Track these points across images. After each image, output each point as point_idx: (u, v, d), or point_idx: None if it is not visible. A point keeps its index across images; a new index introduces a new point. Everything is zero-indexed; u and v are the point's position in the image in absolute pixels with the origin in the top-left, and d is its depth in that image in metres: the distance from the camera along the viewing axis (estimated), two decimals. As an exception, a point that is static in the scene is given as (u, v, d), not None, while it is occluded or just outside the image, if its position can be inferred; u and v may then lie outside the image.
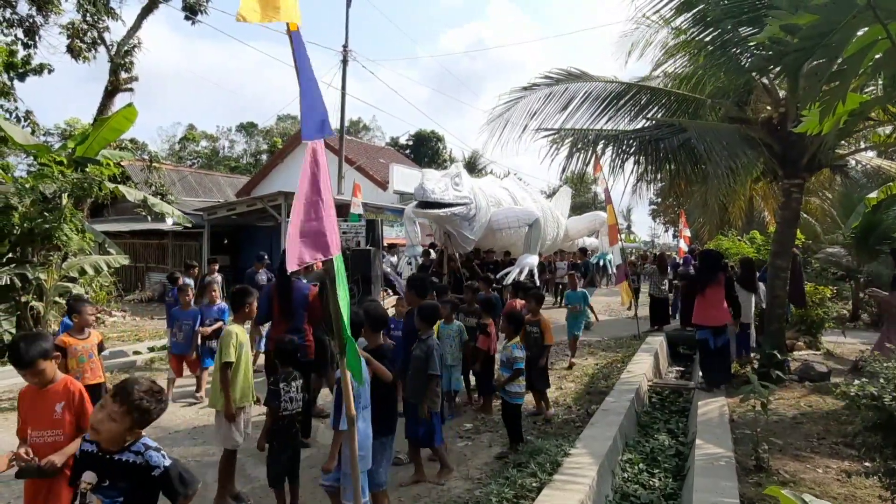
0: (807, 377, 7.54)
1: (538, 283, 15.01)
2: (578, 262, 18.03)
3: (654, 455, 5.57)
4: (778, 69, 4.69)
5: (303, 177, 2.49)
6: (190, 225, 13.56)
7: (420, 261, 15.12)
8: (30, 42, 14.69)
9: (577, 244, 21.82)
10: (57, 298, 9.52)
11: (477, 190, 14.40)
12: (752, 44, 7.07)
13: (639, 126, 8.20)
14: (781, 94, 7.79)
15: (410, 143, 46.55)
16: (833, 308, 10.00)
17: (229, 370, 4.39)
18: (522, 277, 14.12)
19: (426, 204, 12.86)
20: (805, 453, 5.16)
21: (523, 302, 7.46)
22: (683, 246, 19.26)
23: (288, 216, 16.55)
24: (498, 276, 13.62)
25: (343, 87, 21.54)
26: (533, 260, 15.16)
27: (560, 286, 16.85)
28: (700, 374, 7.55)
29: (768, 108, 7.97)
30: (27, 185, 9.49)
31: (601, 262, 21.98)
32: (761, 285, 8.72)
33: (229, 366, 4.39)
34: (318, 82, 2.63)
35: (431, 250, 15.37)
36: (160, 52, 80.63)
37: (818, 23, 3.49)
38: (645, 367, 8.23)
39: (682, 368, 10.05)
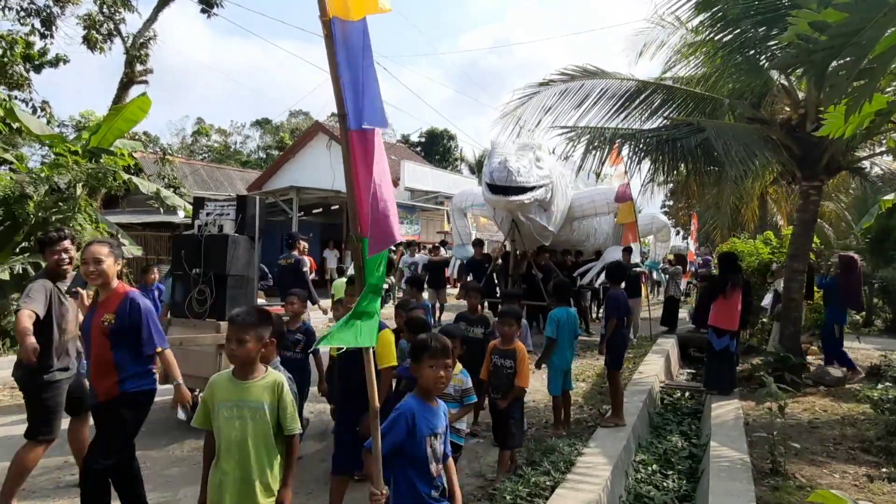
0: (822, 381, 7.47)
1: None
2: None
3: (667, 456, 5.53)
4: (803, 68, 4.63)
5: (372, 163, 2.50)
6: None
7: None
8: (46, 32, 14.76)
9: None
10: (70, 288, 9.56)
11: (554, 167, 11.13)
12: (771, 44, 7.02)
13: (655, 125, 8.14)
14: (801, 95, 7.71)
15: (422, 140, 46.54)
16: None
17: None
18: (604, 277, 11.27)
19: (506, 189, 9.58)
20: (821, 458, 5.10)
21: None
22: (692, 248, 19.10)
23: (300, 211, 16.68)
24: (576, 274, 11.54)
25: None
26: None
27: (601, 292, 13.33)
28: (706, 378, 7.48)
29: (787, 108, 7.89)
30: (42, 175, 9.54)
31: (651, 271, 17.87)
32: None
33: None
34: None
35: (490, 243, 13.14)
36: (181, 46, 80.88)
37: (847, 21, 3.43)
38: (656, 368, 8.18)
39: (693, 371, 9.98)
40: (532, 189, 9.84)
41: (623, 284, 6.70)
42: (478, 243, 12.08)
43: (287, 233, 11.06)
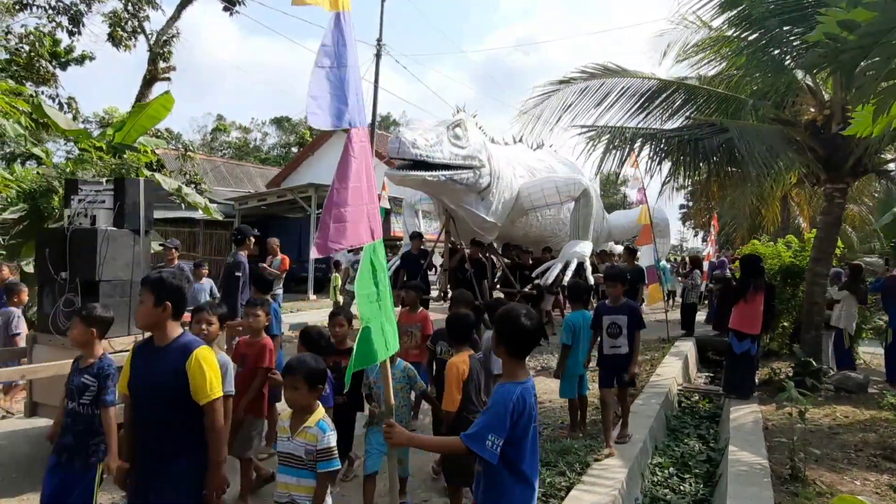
0: (843, 387, 7.35)
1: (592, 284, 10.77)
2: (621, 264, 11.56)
3: (684, 460, 5.48)
4: (831, 68, 4.56)
5: (340, 164, 2.48)
6: (220, 217, 13.72)
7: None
8: (74, 30, 15.03)
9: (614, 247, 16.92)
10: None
11: (495, 152, 10.09)
12: (796, 43, 6.92)
13: (676, 125, 8.07)
14: (826, 95, 7.60)
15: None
16: (870, 318, 9.72)
17: None
18: (568, 277, 10.20)
19: (408, 165, 8.46)
20: (842, 464, 5.02)
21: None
22: (711, 250, 18.85)
23: (318, 208, 16.76)
24: (534, 274, 10.56)
25: (376, 82, 21.61)
26: (584, 249, 10.77)
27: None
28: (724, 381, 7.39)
29: (812, 109, 7.78)
30: (67, 171, 9.71)
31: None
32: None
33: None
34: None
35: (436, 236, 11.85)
36: (205, 44, 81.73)
37: (877, 20, 3.37)
38: (674, 370, 8.11)
39: (711, 374, 9.89)
40: (444, 167, 8.67)
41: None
42: (416, 236, 10.61)
43: (236, 226, 9.22)
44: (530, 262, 11.42)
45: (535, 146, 12.75)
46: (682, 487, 4.88)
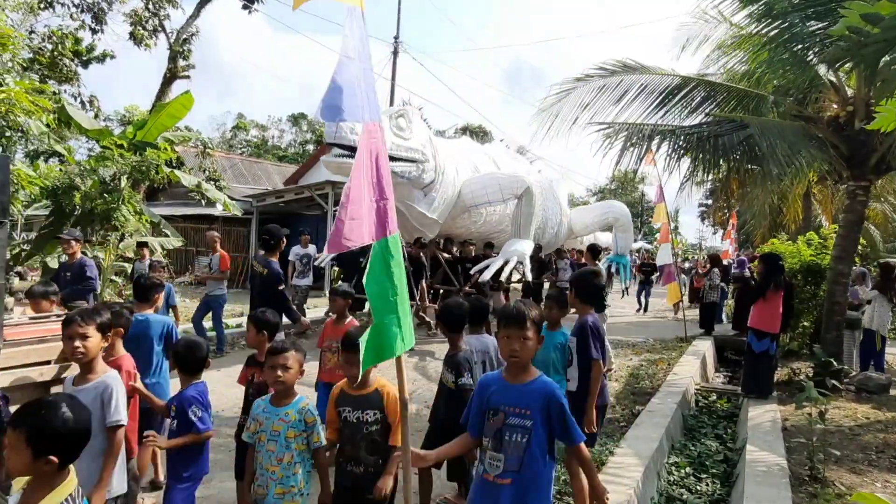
0: (865, 388, 7.23)
1: (533, 283, 10.81)
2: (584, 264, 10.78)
3: (701, 459, 5.43)
4: (854, 62, 4.48)
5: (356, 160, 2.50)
6: (239, 213, 13.87)
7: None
8: (97, 28, 15.27)
9: (582, 242, 16.35)
10: (113, 277, 9.88)
11: (440, 147, 9.79)
12: (819, 39, 6.81)
13: (696, 121, 7.98)
14: (850, 91, 7.47)
15: (456, 136, 46.56)
16: (893, 319, 9.54)
17: None
18: (505, 274, 9.94)
19: (346, 153, 7.64)
20: (862, 466, 4.94)
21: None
22: (730, 248, 18.65)
23: (335, 205, 16.83)
24: (472, 272, 10.21)
25: (393, 79, 21.67)
26: (524, 247, 10.33)
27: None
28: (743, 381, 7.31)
29: (834, 105, 7.65)
30: (89, 167, 9.87)
31: (613, 268, 15.20)
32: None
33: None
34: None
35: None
36: (227, 42, 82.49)
37: (901, 13, 3.31)
38: (692, 369, 8.04)
39: (729, 373, 9.79)
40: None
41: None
42: None
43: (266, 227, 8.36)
44: (472, 254, 11.21)
45: (484, 142, 12.52)
46: (698, 487, 4.84)
